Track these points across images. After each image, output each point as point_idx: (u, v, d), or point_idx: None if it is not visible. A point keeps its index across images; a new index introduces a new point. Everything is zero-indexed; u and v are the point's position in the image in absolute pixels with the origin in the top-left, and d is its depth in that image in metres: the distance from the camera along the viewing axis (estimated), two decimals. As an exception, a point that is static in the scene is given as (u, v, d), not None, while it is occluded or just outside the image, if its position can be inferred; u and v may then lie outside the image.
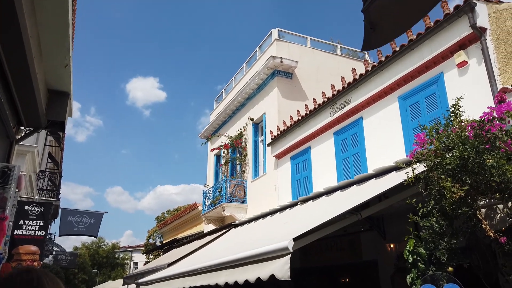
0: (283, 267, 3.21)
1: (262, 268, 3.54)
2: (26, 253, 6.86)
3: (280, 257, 3.37)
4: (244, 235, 7.68)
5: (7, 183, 5.40)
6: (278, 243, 3.48)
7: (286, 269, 3.20)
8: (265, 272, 3.40)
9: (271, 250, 3.52)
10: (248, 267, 3.88)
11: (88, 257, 32.69)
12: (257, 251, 3.78)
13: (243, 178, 13.45)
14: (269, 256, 3.57)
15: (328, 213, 4.48)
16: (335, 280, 8.71)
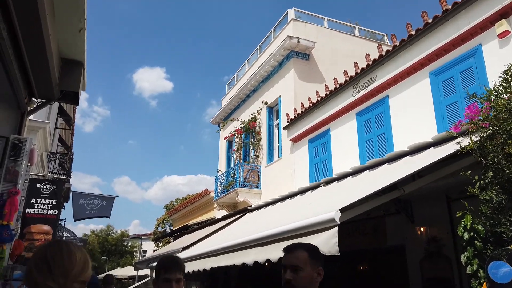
0: (330, 240, 2.85)
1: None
2: (38, 232, 6.62)
3: (325, 230, 3.01)
4: (265, 217, 7.33)
5: (18, 156, 5.09)
6: (322, 215, 3.12)
7: (334, 243, 2.84)
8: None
9: (314, 223, 3.15)
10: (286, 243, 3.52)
11: (98, 244, 32.76)
12: (297, 225, 3.41)
13: (257, 163, 13.10)
14: (311, 230, 3.21)
15: (367, 188, 4.10)
16: (359, 266, 8.36)
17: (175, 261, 2.19)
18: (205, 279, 13.34)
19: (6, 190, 4.94)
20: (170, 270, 2.11)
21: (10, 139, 5.13)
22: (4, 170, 5.03)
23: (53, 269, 1.22)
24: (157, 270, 2.15)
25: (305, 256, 1.75)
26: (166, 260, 2.20)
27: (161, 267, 2.14)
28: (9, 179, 4.99)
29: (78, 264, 1.26)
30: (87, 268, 1.30)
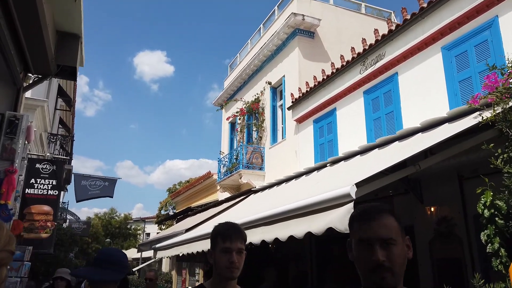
0: (345, 217, 2.66)
1: (314, 221, 2.99)
2: (38, 213, 6.48)
3: (339, 206, 2.83)
4: (272, 197, 7.17)
5: (15, 134, 4.89)
6: (337, 190, 2.92)
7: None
8: (319, 224, 2.86)
9: (329, 198, 2.95)
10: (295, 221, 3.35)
11: (101, 227, 32.93)
12: (309, 201, 3.22)
13: (261, 145, 12.90)
14: (324, 206, 3.02)
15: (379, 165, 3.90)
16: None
17: (236, 228, 1.88)
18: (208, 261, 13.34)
19: (3, 169, 4.77)
20: (230, 239, 1.81)
21: (5, 115, 4.92)
22: (0, 147, 4.84)
23: None
24: (213, 239, 1.86)
25: (396, 224, 1.22)
26: (225, 227, 1.88)
27: (218, 235, 1.85)
28: (5, 157, 4.80)
29: (5, 236, 1.30)
30: (13, 241, 1.36)
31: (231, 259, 1.77)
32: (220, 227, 1.89)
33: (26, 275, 4.53)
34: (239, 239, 1.83)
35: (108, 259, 1.97)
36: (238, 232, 1.86)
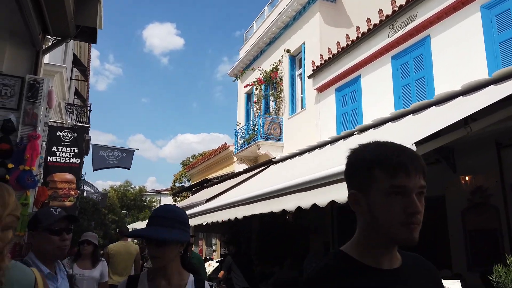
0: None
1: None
2: (61, 181, 6.40)
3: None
4: (298, 167, 6.96)
5: (36, 98, 4.71)
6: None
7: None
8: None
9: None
10: (339, 186, 3.13)
11: (117, 199, 33.46)
12: None
13: (279, 115, 12.62)
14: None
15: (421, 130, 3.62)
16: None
17: (414, 156, 1.03)
18: (226, 231, 13.38)
19: (26, 134, 4.62)
20: (406, 171, 1.00)
21: (26, 79, 4.74)
22: (22, 112, 4.68)
23: None
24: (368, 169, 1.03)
25: None
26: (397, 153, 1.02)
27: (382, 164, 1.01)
28: (28, 122, 4.65)
29: (13, 203, 1.43)
30: (19, 208, 1.49)
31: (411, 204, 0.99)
32: (384, 154, 1.03)
33: (54, 241, 4.45)
34: (421, 172, 1.04)
35: (175, 217, 1.76)
36: (417, 160, 1.04)
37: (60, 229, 2.10)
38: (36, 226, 2.11)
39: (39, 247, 2.09)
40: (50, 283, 1.96)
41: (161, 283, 1.75)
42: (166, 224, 1.71)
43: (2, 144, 4.48)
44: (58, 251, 2.09)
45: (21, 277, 1.47)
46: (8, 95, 4.64)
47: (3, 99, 4.63)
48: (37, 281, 1.52)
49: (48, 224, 2.07)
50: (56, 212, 2.13)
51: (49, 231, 2.07)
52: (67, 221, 2.18)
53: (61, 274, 2.20)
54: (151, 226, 1.74)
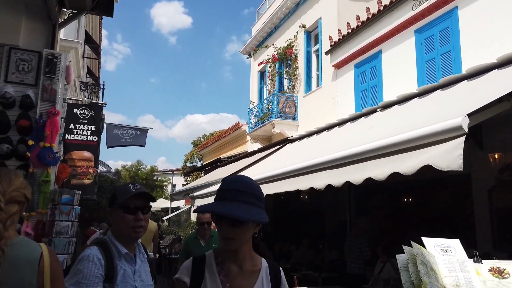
0: (452, 152, 2.25)
1: (404, 159, 2.59)
2: (80, 159, 6.35)
3: (443, 141, 2.42)
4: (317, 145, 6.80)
5: (54, 73, 4.58)
6: (443, 123, 2.49)
7: (457, 155, 2.25)
8: (411, 163, 2.45)
9: (431, 133, 2.49)
10: (375, 162, 2.98)
11: (129, 178, 33.81)
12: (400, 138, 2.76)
13: (294, 94, 12.38)
14: (422, 143, 2.58)
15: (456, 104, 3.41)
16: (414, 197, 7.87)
17: None
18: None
19: (45, 110, 4.53)
20: None
21: (43, 53, 4.61)
22: (40, 88, 4.57)
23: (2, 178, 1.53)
24: None
25: None
26: None
27: None
28: (46, 98, 4.55)
29: (21, 182, 1.59)
30: (28, 188, 1.63)
31: None
32: None
33: (76, 219, 4.40)
34: None
35: (253, 192, 1.45)
36: None
37: (135, 207, 1.87)
38: (112, 203, 1.95)
39: (116, 226, 1.94)
40: (126, 264, 1.86)
41: (232, 268, 1.49)
42: (243, 199, 1.40)
43: (22, 120, 4.40)
44: (132, 232, 1.88)
45: (26, 251, 1.49)
46: (26, 70, 4.53)
47: (21, 75, 4.52)
48: (43, 256, 1.51)
49: (123, 200, 1.87)
50: (133, 189, 1.89)
51: (123, 208, 1.87)
52: (144, 198, 1.94)
53: (141, 256, 2.02)
54: (224, 201, 1.41)
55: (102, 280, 1.71)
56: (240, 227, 1.40)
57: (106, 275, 1.73)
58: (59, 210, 4.28)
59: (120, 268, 1.81)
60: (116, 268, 1.78)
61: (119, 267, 1.80)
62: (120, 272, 1.79)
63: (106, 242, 1.88)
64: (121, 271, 1.80)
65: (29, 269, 1.45)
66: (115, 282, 1.75)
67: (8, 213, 1.49)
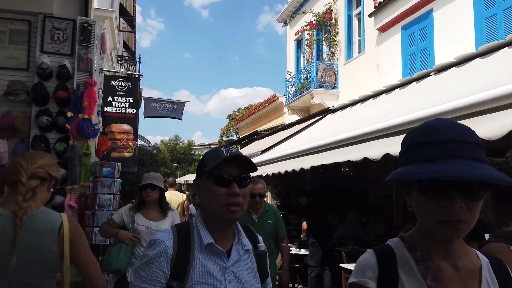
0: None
1: (490, 121, 2.20)
2: (119, 132, 6.29)
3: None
4: (364, 113, 6.35)
5: (89, 42, 4.40)
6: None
7: None
8: (505, 123, 2.07)
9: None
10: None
11: (168, 153, 34.55)
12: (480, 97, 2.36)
13: (333, 61, 11.76)
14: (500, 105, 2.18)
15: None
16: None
17: None
18: (278, 184, 13.21)
19: (82, 81, 4.39)
20: None
21: (77, 21, 4.43)
22: (76, 58, 4.42)
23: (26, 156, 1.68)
24: None
25: None
26: None
27: None
28: (83, 68, 4.40)
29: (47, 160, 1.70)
30: (56, 168, 1.74)
31: None
32: None
33: (118, 192, 4.32)
34: None
35: (479, 142, 0.94)
36: None
37: (229, 178, 1.29)
38: (200, 172, 1.38)
39: (204, 204, 1.37)
40: (211, 258, 1.29)
41: (443, 267, 0.97)
42: (474, 155, 0.90)
43: (60, 91, 4.29)
44: (226, 211, 1.29)
45: (46, 220, 1.58)
46: (61, 39, 4.38)
47: (56, 44, 4.38)
48: (63, 225, 1.59)
49: (212, 168, 1.30)
50: (226, 153, 1.31)
51: (213, 179, 1.31)
52: (241, 167, 1.33)
53: (239, 248, 1.37)
54: (446, 160, 0.89)
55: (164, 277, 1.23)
56: (477, 202, 0.91)
57: (174, 270, 1.24)
58: (100, 183, 4.21)
59: (199, 262, 1.27)
60: (192, 262, 1.26)
61: (198, 262, 1.27)
62: (198, 269, 1.26)
63: (188, 225, 1.36)
64: (200, 267, 1.26)
65: (49, 236, 1.55)
66: (187, 281, 1.24)
67: (28, 187, 1.57)
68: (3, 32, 4.30)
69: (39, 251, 1.53)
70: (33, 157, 1.68)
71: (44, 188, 1.68)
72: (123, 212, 3.43)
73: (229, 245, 1.35)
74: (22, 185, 1.56)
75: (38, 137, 4.20)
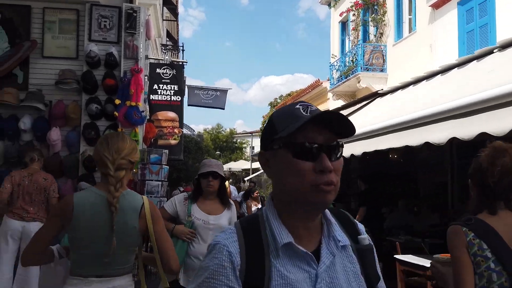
0: None
1: None
2: (165, 119, 6.34)
3: None
4: (418, 95, 5.94)
5: (135, 28, 4.38)
6: None
7: None
8: None
9: None
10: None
11: (210, 141, 35.01)
12: None
13: (381, 43, 11.18)
14: None
15: None
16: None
17: None
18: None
19: (128, 68, 4.39)
20: None
21: (123, 8, 4.42)
22: (122, 45, 4.42)
23: (110, 145, 1.81)
24: None
25: None
26: None
27: None
28: (129, 55, 4.40)
29: (128, 148, 1.83)
30: (135, 152, 1.88)
31: None
32: None
33: (165, 178, 4.32)
34: None
35: None
36: None
37: (315, 147, 0.88)
38: (268, 140, 0.95)
39: (278, 185, 0.96)
40: (294, 263, 0.91)
41: None
42: None
43: (107, 79, 4.32)
44: (313, 195, 0.88)
45: (131, 201, 1.80)
46: (108, 27, 4.40)
47: (103, 32, 4.40)
48: (144, 206, 1.81)
49: (289, 134, 0.88)
50: (306, 111, 0.90)
51: (291, 149, 0.89)
52: (328, 129, 0.90)
53: (332, 245, 0.95)
54: None
55: None
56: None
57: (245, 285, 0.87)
58: (148, 170, 4.22)
59: (276, 272, 0.89)
60: (269, 272, 0.88)
61: (275, 271, 0.89)
62: (276, 281, 0.88)
63: (256, 220, 0.96)
64: (279, 279, 0.88)
65: (132, 215, 1.77)
66: None
67: (117, 178, 1.76)
68: (53, 22, 4.38)
69: (125, 229, 1.74)
70: (116, 146, 1.80)
71: (129, 173, 1.89)
72: (177, 202, 2.91)
73: (316, 243, 0.95)
74: (111, 177, 1.76)
75: (89, 125, 4.27)
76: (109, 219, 1.71)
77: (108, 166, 1.76)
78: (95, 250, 1.71)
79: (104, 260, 1.70)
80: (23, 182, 3.81)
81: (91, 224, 1.72)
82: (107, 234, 1.70)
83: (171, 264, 1.82)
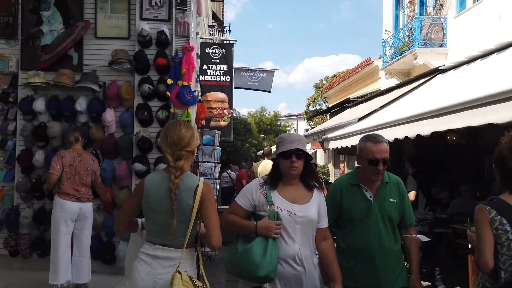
0: None
1: None
2: (215, 100, 6.21)
3: None
4: (493, 69, 5.36)
5: (185, 5, 4.22)
6: None
7: None
8: None
9: None
10: None
11: (254, 124, 35.00)
12: None
13: (441, 15, 10.33)
14: None
15: None
16: None
17: None
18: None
19: (180, 47, 4.26)
20: None
21: (173, -16, 4.26)
22: (173, 23, 4.29)
23: (168, 138, 2.01)
24: None
25: None
26: None
27: None
28: (180, 33, 4.27)
29: (185, 138, 2.00)
30: (193, 140, 2.04)
31: None
32: None
33: (218, 160, 4.20)
34: None
35: None
36: None
37: None
38: None
39: None
40: None
41: None
42: None
43: (159, 59, 4.23)
44: None
45: (188, 182, 2.01)
46: (159, 4, 4.29)
47: (154, 10, 4.30)
48: (199, 186, 2.00)
49: None
50: None
51: None
52: None
53: None
54: None
55: None
56: None
57: None
58: (201, 151, 4.12)
59: None
60: None
61: None
62: None
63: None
64: None
65: (188, 194, 1.98)
66: None
67: (177, 167, 1.97)
68: (105, 1, 4.32)
69: (180, 206, 1.97)
70: (173, 138, 1.98)
71: (189, 160, 2.07)
72: (254, 190, 2.22)
73: None
74: (172, 168, 1.96)
75: (141, 106, 4.22)
76: (170, 197, 1.97)
77: (168, 159, 1.98)
78: (161, 222, 1.98)
79: (169, 232, 1.95)
80: (74, 163, 3.74)
81: (157, 200, 1.99)
82: (169, 209, 1.96)
83: (212, 241, 2.02)
